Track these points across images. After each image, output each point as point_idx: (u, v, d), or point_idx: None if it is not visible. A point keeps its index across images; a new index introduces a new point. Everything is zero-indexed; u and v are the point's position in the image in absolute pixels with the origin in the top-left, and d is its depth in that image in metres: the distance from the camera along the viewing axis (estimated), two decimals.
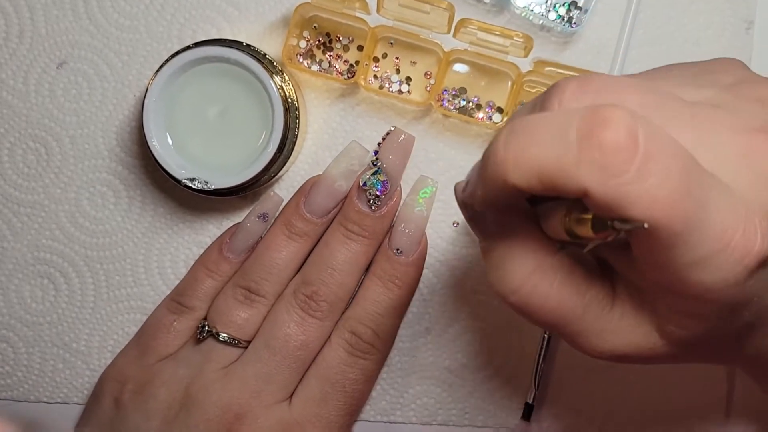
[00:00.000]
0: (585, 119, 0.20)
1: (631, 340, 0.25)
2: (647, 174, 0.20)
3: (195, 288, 0.41)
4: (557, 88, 0.23)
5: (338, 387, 0.39)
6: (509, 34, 0.37)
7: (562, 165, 0.20)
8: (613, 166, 0.20)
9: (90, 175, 0.43)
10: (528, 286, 0.24)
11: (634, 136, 0.20)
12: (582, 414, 0.42)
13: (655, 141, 0.20)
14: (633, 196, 0.20)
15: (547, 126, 0.21)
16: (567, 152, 0.20)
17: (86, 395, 0.43)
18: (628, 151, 0.20)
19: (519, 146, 0.21)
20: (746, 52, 0.41)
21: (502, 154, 0.22)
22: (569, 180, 0.21)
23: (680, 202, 0.20)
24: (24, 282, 0.43)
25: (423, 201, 0.40)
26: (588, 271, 0.25)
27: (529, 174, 0.21)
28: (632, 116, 0.20)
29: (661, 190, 0.20)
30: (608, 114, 0.20)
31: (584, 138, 0.20)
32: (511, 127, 0.22)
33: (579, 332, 0.25)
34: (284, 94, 0.38)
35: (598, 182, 0.20)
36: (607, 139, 0.20)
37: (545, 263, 0.25)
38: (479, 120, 0.40)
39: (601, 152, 0.20)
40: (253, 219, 0.41)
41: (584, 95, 0.23)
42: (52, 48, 0.42)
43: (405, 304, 0.41)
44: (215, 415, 0.37)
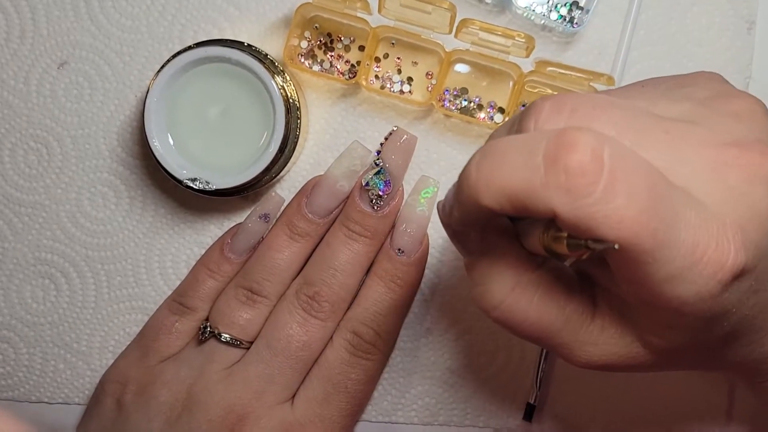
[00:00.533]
0: (551, 142, 0.21)
1: (613, 351, 0.25)
2: (613, 195, 0.20)
3: (196, 288, 0.41)
4: (533, 107, 0.23)
5: (340, 387, 0.39)
6: (511, 35, 0.37)
7: (531, 188, 0.21)
8: (579, 188, 0.20)
9: (91, 175, 0.43)
10: (508, 302, 0.25)
11: (599, 158, 0.20)
12: (583, 415, 0.42)
13: (621, 161, 0.20)
14: (600, 217, 0.20)
15: (517, 149, 0.22)
16: (534, 175, 0.21)
17: (87, 396, 0.43)
18: (594, 173, 0.20)
19: (490, 169, 0.22)
20: (747, 53, 0.41)
21: (474, 177, 0.22)
22: (538, 202, 0.21)
23: (648, 221, 0.20)
24: (25, 282, 0.43)
25: (425, 201, 0.40)
26: (568, 284, 0.26)
27: (499, 196, 0.22)
28: (597, 138, 0.21)
29: (628, 211, 0.20)
30: (574, 137, 0.21)
31: (551, 161, 0.21)
32: (484, 150, 0.23)
33: (561, 344, 0.26)
34: (286, 94, 0.38)
35: (565, 204, 0.20)
36: (572, 162, 0.20)
37: (525, 279, 0.25)
38: (481, 120, 0.40)
39: (566, 175, 0.20)
40: (255, 219, 0.41)
41: (559, 115, 0.23)
42: (53, 48, 0.42)
43: (407, 304, 0.41)
44: (218, 415, 0.37)
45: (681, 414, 0.42)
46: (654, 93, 0.26)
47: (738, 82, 0.41)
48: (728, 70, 0.41)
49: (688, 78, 0.27)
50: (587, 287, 0.26)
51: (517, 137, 0.22)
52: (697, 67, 0.41)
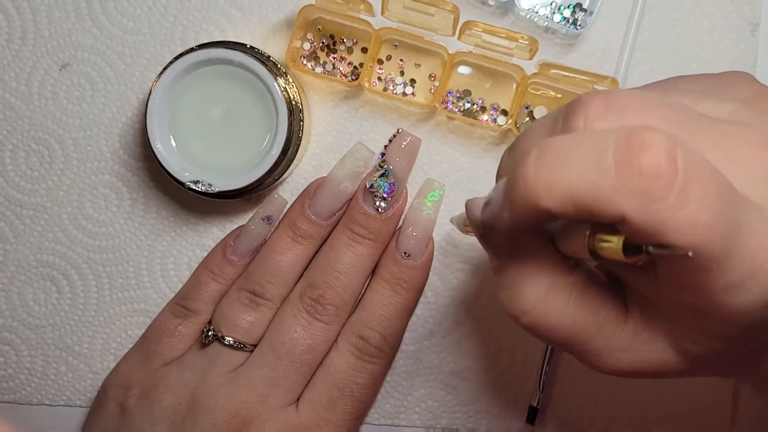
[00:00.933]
0: (621, 143, 0.20)
1: (645, 357, 0.25)
2: (687, 199, 0.19)
3: (199, 291, 0.41)
4: (580, 104, 0.22)
5: (346, 392, 0.39)
6: (514, 37, 0.37)
7: (599, 191, 0.20)
8: (654, 191, 0.19)
9: (93, 177, 0.42)
10: (541, 308, 0.24)
11: (673, 160, 0.19)
12: (586, 417, 0.42)
13: (693, 164, 0.20)
14: (673, 222, 0.19)
15: (581, 149, 0.20)
16: (604, 177, 0.20)
17: (89, 398, 0.43)
18: (669, 176, 0.19)
19: (551, 171, 0.21)
20: (751, 55, 0.40)
21: (533, 179, 0.21)
22: (607, 206, 0.20)
23: (719, 226, 0.20)
24: (26, 284, 0.43)
25: (431, 204, 0.40)
26: (600, 289, 0.25)
27: (563, 199, 0.21)
28: (670, 139, 0.20)
29: (701, 215, 0.19)
30: (646, 137, 0.20)
31: (622, 163, 0.20)
32: (541, 150, 0.21)
33: (591, 351, 0.25)
34: (288, 96, 0.38)
35: (637, 208, 0.20)
36: (646, 164, 0.19)
37: (559, 284, 0.24)
38: (484, 122, 0.40)
39: (640, 177, 0.19)
40: (258, 221, 0.40)
41: (609, 113, 0.22)
42: (54, 50, 0.42)
43: (412, 307, 0.41)
44: (223, 419, 0.37)
45: (684, 417, 0.42)
46: (695, 92, 0.25)
47: None
48: None
49: (724, 77, 0.26)
50: (618, 291, 0.25)
51: (577, 136, 0.21)
52: (700, 69, 0.40)
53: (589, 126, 0.22)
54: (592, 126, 0.22)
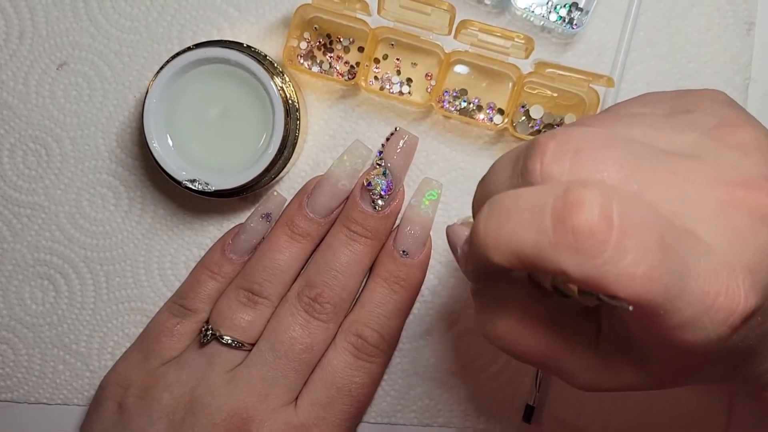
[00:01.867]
0: (558, 202, 0.21)
1: (616, 379, 0.25)
2: (623, 253, 0.20)
3: (197, 290, 0.41)
4: (537, 148, 0.23)
5: (344, 391, 0.39)
6: (510, 36, 0.37)
7: (539, 248, 0.21)
8: (589, 249, 0.20)
9: (90, 176, 0.43)
10: (513, 334, 0.25)
11: (607, 217, 0.20)
12: (582, 416, 0.42)
13: (630, 216, 0.20)
14: (611, 276, 0.20)
15: (523, 207, 0.21)
16: (543, 236, 0.21)
17: (86, 397, 0.43)
18: (602, 233, 0.20)
19: (497, 227, 0.22)
20: (747, 54, 0.41)
21: (483, 236, 0.22)
22: (547, 262, 0.21)
23: (659, 276, 0.20)
24: (24, 283, 0.43)
25: (429, 203, 0.40)
26: (573, 315, 0.25)
27: (509, 255, 0.22)
28: (604, 194, 0.20)
29: (639, 268, 0.20)
30: (581, 196, 0.20)
31: (558, 222, 0.20)
32: (491, 207, 0.22)
33: (564, 372, 0.26)
34: (285, 95, 0.38)
35: (574, 265, 0.20)
36: (580, 223, 0.20)
37: (531, 313, 0.25)
38: (480, 121, 0.40)
39: (575, 237, 0.20)
40: (257, 219, 0.40)
41: (564, 156, 0.22)
42: (52, 49, 0.42)
43: (409, 305, 0.41)
44: (222, 419, 0.37)
45: (682, 418, 0.42)
46: (657, 117, 0.25)
47: (737, 84, 0.41)
48: (728, 71, 0.41)
49: (693, 98, 0.26)
50: (592, 317, 0.26)
51: (523, 193, 0.22)
52: (696, 68, 0.41)
53: (544, 170, 0.23)
54: (548, 170, 0.22)
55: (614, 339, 0.25)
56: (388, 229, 0.40)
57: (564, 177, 0.22)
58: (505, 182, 0.24)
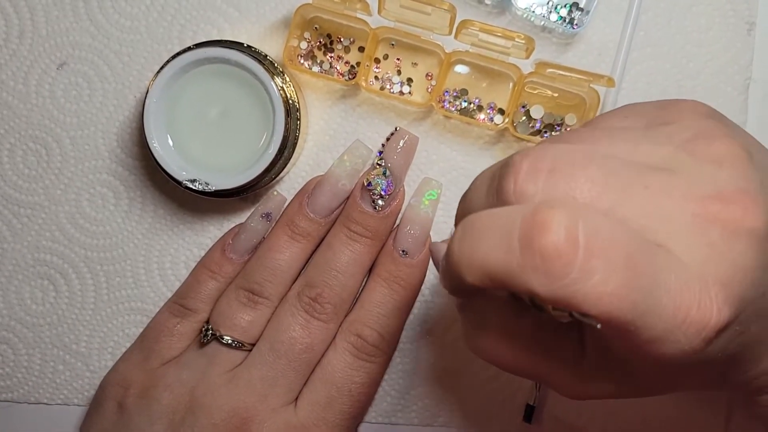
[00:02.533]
0: (526, 223, 0.21)
1: (602, 388, 0.25)
2: (590, 273, 0.20)
3: (197, 290, 0.41)
4: (512, 166, 0.23)
5: (344, 391, 0.39)
6: (510, 36, 0.37)
7: (509, 269, 0.21)
8: (555, 270, 0.20)
9: (90, 176, 0.43)
10: (496, 348, 0.26)
11: (573, 238, 0.20)
12: (582, 417, 0.42)
13: (596, 236, 0.20)
14: (579, 296, 0.20)
15: (493, 228, 0.22)
16: (511, 257, 0.21)
17: (86, 397, 0.43)
18: (568, 254, 0.20)
19: (470, 248, 0.22)
20: (747, 54, 0.41)
21: (457, 255, 0.23)
22: (517, 283, 0.21)
23: (627, 294, 0.20)
24: (24, 283, 0.43)
25: (429, 203, 0.40)
26: (555, 329, 0.26)
27: (481, 276, 0.22)
28: (570, 216, 0.20)
29: (606, 287, 0.20)
30: (547, 217, 0.21)
31: (526, 245, 0.21)
32: (464, 227, 0.23)
33: (552, 383, 0.26)
34: (285, 95, 0.38)
35: (542, 285, 0.21)
36: (546, 245, 0.20)
37: (512, 328, 0.25)
38: (480, 121, 0.40)
39: (542, 258, 0.20)
40: (257, 219, 0.40)
41: (538, 175, 0.23)
42: (52, 49, 0.42)
43: (409, 305, 0.41)
44: (222, 419, 0.37)
45: (681, 417, 0.42)
46: (636, 130, 0.25)
47: (738, 84, 0.41)
48: (728, 71, 0.41)
49: (672, 110, 0.26)
50: (575, 329, 0.26)
51: (494, 213, 0.22)
52: (697, 68, 0.41)
53: (518, 189, 0.23)
54: (522, 189, 0.23)
55: (598, 350, 0.25)
56: (389, 229, 0.40)
57: (538, 196, 0.22)
58: (481, 200, 0.25)
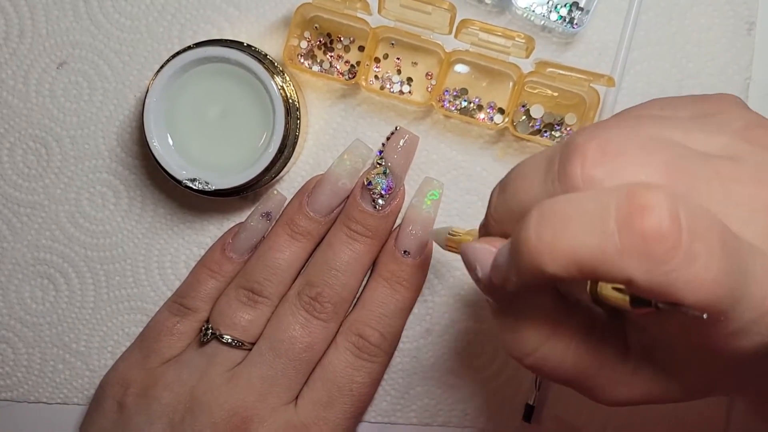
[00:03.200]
0: (623, 205, 0.20)
1: (645, 391, 0.25)
2: (693, 258, 0.19)
3: (197, 289, 0.41)
4: (576, 149, 0.22)
5: (345, 390, 0.39)
6: (511, 35, 0.37)
7: (604, 255, 0.20)
8: (659, 254, 0.19)
9: (90, 175, 0.43)
10: (543, 351, 0.24)
11: (676, 221, 0.19)
12: (582, 416, 0.42)
13: (696, 221, 0.19)
14: (680, 282, 0.19)
15: (582, 212, 0.20)
16: (608, 242, 0.20)
17: (86, 396, 0.43)
18: (673, 237, 0.19)
19: (554, 236, 0.21)
20: (747, 54, 0.41)
21: (536, 246, 0.21)
22: (613, 270, 0.20)
23: (726, 281, 0.19)
24: (24, 282, 0.43)
25: (431, 203, 0.40)
26: (601, 327, 0.25)
27: (568, 265, 0.20)
28: (671, 198, 0.19)
29: (709, 273, 0.19)
30: (648, 199, 0.19)
31: (625, 226, 0.19)
32: (542, 213, 0.21)
33: (594, 387, 0.25)
34: (285, 94, 0.38)
35: (643, 272, 0.19)
36: (650, 227, 0.19)
37: (561, 326, 0.24)
38: (480, 121, 0.40)
39: (645, 241, 0.19)
40: (257, 218, 0.40)
41: (606, 158, 0.22)
42: (52, 48, 0.42)
43: (411, 305, 0.41)
44: (222, 418, 0.37)
45: (681, 417, 0.42)
46: (682, 120, 0.25)
47: (738, 83, 0.41)
48: (728, 71, 0.41)
49: (711, 103, 0.26)
50: (619, 327, 0.25)
51: (576, 197, 0.21)
52: (697, 67, 0.41)
53: (586, 174, 0.22)
54: (590, 173, 0.22)
55: (643, 351, 0.24)
56: (389, 229, 0.40)
57: (607, 181, 0.21)
58: (537, 188, 0.23)
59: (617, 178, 0.21)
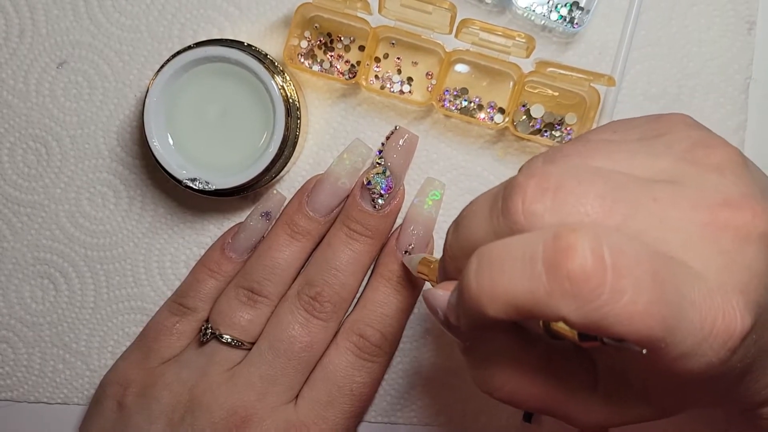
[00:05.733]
0: (548, 249, 0.20)
1: (618, 415, 0.25)
2: (620, 293, 0.20)
3: (197, 289, 0.41)
4: (517, 187, 0.23)
5: (345, 390, 0.39)
6: (511, 35, 0.37)
7: (536, 296, 0.21)
8: (585, 293, 0.20)
9: (90, 175, 0.43)
10: (511, 385, 0.25)
11: (600, 259, 0.20)
12: None
13: (621, 255, 0.20)
14: (610, 317, 0.20)
15: (514, 256, 0.21)
16: (537, 284, 0.20)
17: (86, 396, 0.43)
18: (597, 276, 0.20)
19: (490, 280, 0.22)
20: (748, 53, 0.41)
21: (476, 291, 0.22)
22: (545, 310, 0.21)
23: (658, 311, 0.20)
24: (24, 282, 0.43)
25: (432, 203, 0.40)
26: (567, 357, 0.25)
27: (506, 307, 0.21)
28: (594, 237, 0.20)
29: (637, 306, 0.20)
30: (571, 240, 0.20)
31: (551, 270, 0.20)
32: (479, 259, 0.22)
33: (567, 414, 0.25)
34: (285, 94, 0.38)
35: (573, 310, 0.20)
36: (574, 269, 0.20)
37: (523, 361, 0.25)
38: (481, 120, 0.40)
39: (570, 282, 0.20)
40: (256, 218, 0.40)
41: (545, 194, 0.22)
42: (52, 47, 0.42)
43: (411, 305, 0.41)
44: (221, 417, 0.37)
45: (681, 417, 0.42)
46: (630, 143, 0.25)
47: (738, 83, 0.41)
48: (728, 70, 0.41)
49: (662, 123, 0.26)
50: (585, 356, 0.26)
51: (511, 242, 0.22)
52: (697, 67, 0.41)
53: (527, 209, 0.22)
54: (530, 209, 0.22)
55: (612, 375, 0.25)
56: (388, 228, 0.40)
57: (547, 215, 0.22)
58: (483, 225, 0.24)
59: (556, 212, 0.22)
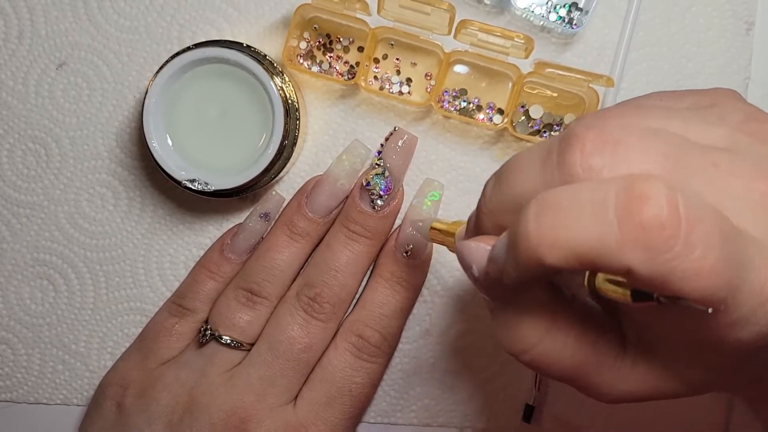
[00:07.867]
0: (622, 196, 0.20)
1: (643, 386, 0.24)
2: (692, 247, 0.19)
3: (196, 290, 0.41)
4: (574, 139, 0.22)
5: (344, 391, 0.39)
6: (510, 36, 0.37)
7: (604, 246, 0.20)
8: (659, 244, 0.19)
9: (89, 176, 0.43)
10: (541, 346, 0.24)
11: (675, 209, 0.19)
12: (582, 416, 0.42)
13: (694, 209, 0.19)
14: (679, 272, 0.19)
15: (581, 204, 0.20)
16: (607, 232, 0.20)
17: (86, 397, 0.43)
18: (672, 226, 0.19)
19: (553, 228, 0.20)
20: (746, 54, 0.41)
21: (536, 237, 0.21)
22: (612, 260, 0.20)
23: (725, 270, 0.19)
24: (23, 283, 0.43)
25: (431, 204, 0.40)
26: (598, 322, 0.25)
27: (567, 256, 0.20)
28: (670, 187, 0.19)
29: (706, 261, 0.19)
30: (646, 189, 0.19)
31: (625, 217, 0.19)
32: (540, 205, 0.21)
33: (592, 384, 0.25)
34: (284, 95, 0.38)
35: (643, 261, 0.19)
36: (648, 217, 0.19)
37: (558, 322, 0.24)
38: (480, 121, 0.40)
39: (644, 231, 0.19)
40: (255, 218, 0.40)
41: (605, 148, 0.22)
42: (51, 49, 0.42)
43: (411, 306, 0.41)
44: (220, 418, 0.37)
45: (681, 417, 0.42)
46: (682, 111, 0.25)
47: (737, 83, 0.41)
48: (727, 71, 0.41)
49: (710, 96, 0.26)
50: (615, 321, 0.25)
51: (575, 188, 0.21)
52: (696, 68, 0.41)
53: (585, 162, 0.22)
54: (589, 162, 0.22)
55: (641, 346, 0.24)
56: (388, 229, 0.40)
57: (606, 170, 0.21)
58: (534, 179, 0.23)
59: (616, 167, 0.21)
